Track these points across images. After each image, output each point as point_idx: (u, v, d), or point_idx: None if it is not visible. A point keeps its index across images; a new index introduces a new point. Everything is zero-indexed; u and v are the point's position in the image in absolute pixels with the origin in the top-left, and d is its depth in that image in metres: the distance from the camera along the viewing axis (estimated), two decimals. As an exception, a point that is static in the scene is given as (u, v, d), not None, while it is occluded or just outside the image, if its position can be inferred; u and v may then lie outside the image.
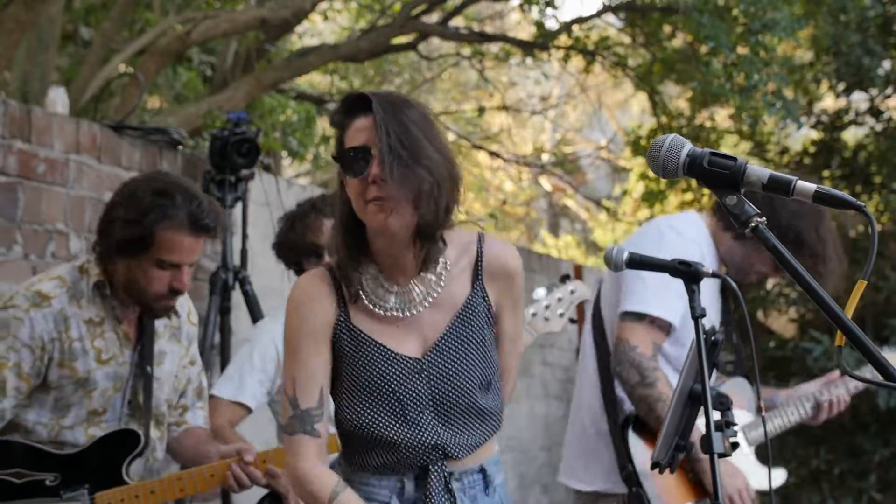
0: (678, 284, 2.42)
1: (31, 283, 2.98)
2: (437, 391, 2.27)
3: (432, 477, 2.27)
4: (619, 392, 3.43)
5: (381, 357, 2.27)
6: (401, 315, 2.29)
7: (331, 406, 2.38)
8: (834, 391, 3.77)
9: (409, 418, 2.26)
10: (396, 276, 2.29)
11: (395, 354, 2.27)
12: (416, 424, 2.26)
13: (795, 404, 3.76)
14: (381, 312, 2.29)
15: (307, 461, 2.28)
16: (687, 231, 3.47)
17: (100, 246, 2.98)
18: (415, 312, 2.29)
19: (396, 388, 2.26)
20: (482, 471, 2.35)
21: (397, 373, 2.26)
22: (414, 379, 2.27)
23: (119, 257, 2.94)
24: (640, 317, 3.31)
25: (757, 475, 3.46)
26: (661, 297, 3.28)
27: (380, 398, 2.26)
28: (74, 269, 3.02)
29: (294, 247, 3.72)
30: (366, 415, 2.27)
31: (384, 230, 2.21)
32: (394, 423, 2.26)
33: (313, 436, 2.28)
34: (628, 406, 3.41)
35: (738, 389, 3.62)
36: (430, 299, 2.29)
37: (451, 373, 2.28)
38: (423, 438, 2.26)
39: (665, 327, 3.33)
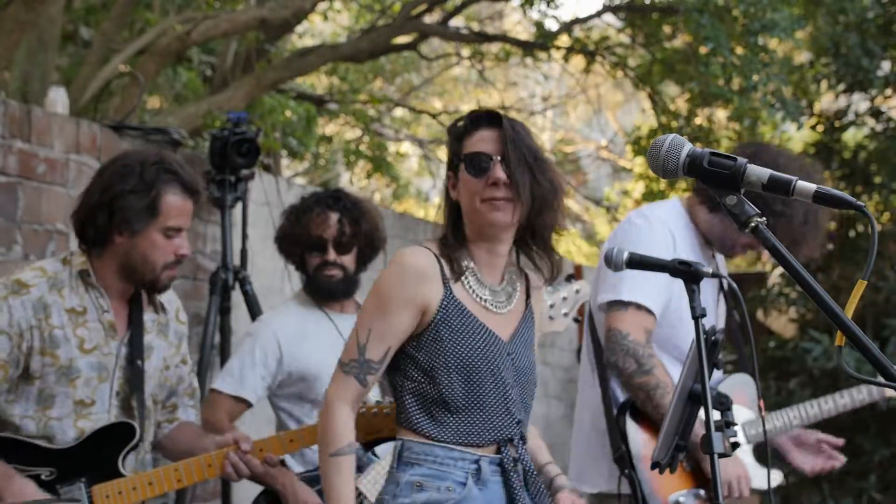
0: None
1: (12, 273, 2.99)
2: (518, 375, 2.59)
3: (523, 453, 2.58)
4: (613, 385, 3.42)
5: (485, 335, 2.55)
6: (492, 308, 2.60)
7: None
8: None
9: (505, 393, 2.55)
10: (489, 275, 2.62)
11: (494, 335, 2.57)
12: (509, 399, 2.56)
13: (798, 409, 3.73)
14: (478, 300, 2.58)
15: (344, 401, 2.55)
16: (654, 213, 3.44)
17: (94, 229, 2.96)
18: (502, 311, 2.61)
19: (498, 365, 2.55)
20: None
21: (496, 352, 2.56)
22: (506, 360, 2.57)
23: (122, 234, 2.94)
24: (623, 304, 3.30)
25: (754, 474, 3.45)
26: (638, 283, 3.26)
27: (484, 371, 2.53)
28: (56, 260, 3.02)
29: (298, 240, 3.72)
30: (470, 383, 2.52)
31: (493, 223, 2.53)
32: (493, 393, 2.53)
33: (362, 384, 2.55)
34: (620, 396, 3.40)
35: (741, 386, 3.59)
36: (513, 304, 2.64)
37: (525, 362, 2.62)
38: (513, 412, 2.56)
39: (650, 312, 3.31)
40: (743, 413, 3.55)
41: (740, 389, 3.56)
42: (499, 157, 2.52)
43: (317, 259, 3.67)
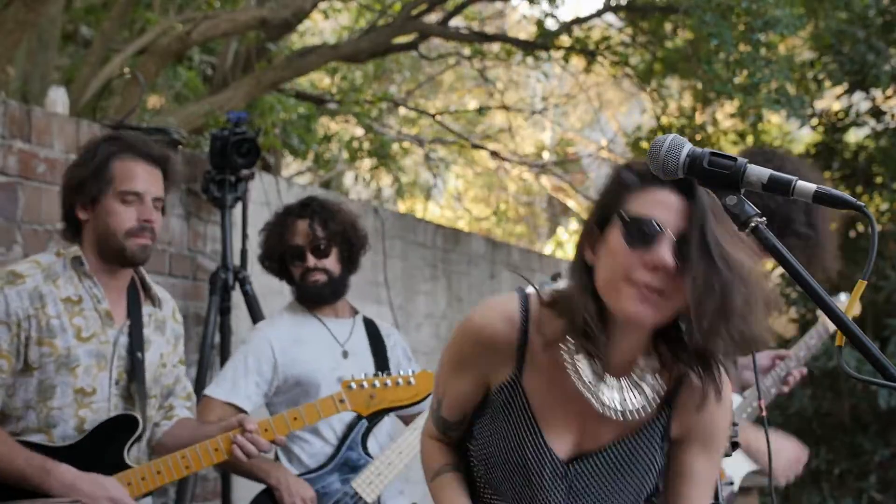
0: None
1: (7, 266, 3.03)
2: (574, 501, 2.05)
3: None
4: None
5: (530, 439, 2.03)
6: (587, 405, 1.99)
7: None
8: (789, 365, 3.75)
9: None
10: (611, 361, 1.99)
11: (544, 446, 2.03)
12: None
13: (771, 376, 3.72)
14: (576, 388, 1.98)
15: (429, 435, 2.21)
16: None
17: (66, 207, 3.02)
18: (606, 412, 1.99)
19: (534, 480, 2.03)
20: None
21: (539, 465, 2.03)
22: (554, 481, 2.03)
23: (84, 209, 3.00)
24: None
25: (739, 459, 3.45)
26: None
27: (514, 476, 2.04)
28: (50, 253, 3.06)
29: (277, 254, 3.77)
30: (497, 480, 2.08)
31: (632, 319, 1.91)
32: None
33: (442, 432, 2.17)
34: None
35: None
36: (629, 415, 2.00)
37: (596, 493, 2.04)
38: None
39: None
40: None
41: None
42: (673, 235, 1.87)
43: (299, 268, 3.73)
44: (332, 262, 3.72)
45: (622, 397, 1.99)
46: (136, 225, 2.98)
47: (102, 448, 2.94)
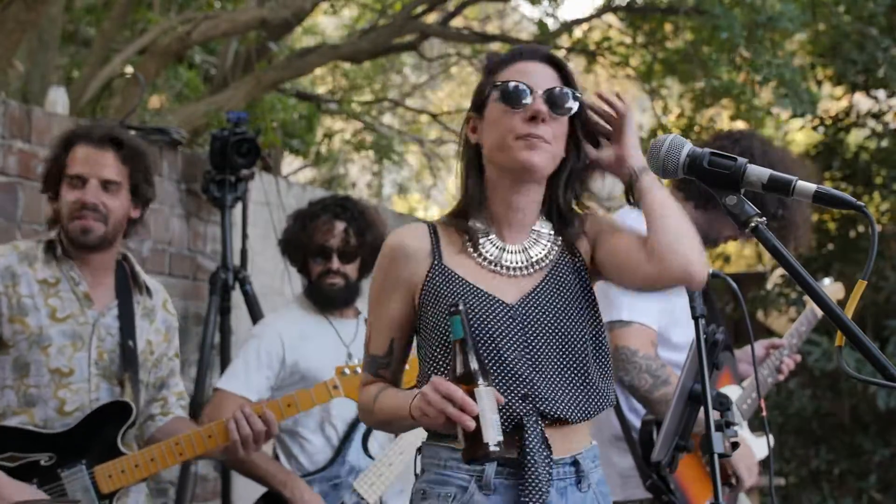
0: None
1: None
2: (532, 340, 2.16)
3: (528, 430, 2.10)
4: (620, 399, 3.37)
5: (474, 297, 2.17)
6: (504, 272, 2.22)
7: None
8: (782, 353, 3.73)
9: (505, 363, 2.13)
10: (511, 232, 2.26)
11: (489, 296, 2.18)
12: (511, 372, 2.13)
13: (767, 365, 3.70)
14: (487, 265, 2.23)
15: (362, 386, 2.31)
16: (637, 224, 3.39)
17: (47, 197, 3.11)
18: (521, 273, 2.23)
19: (492, 330, 2.14)
20: (575, 463, 2.19)
21: (492, 315, 2.15)
22: (508, 323, 2.16)
23: (52, 198, 3.05)
24: (626, 322, 3.27)
25: (752, 444, 3.43)
26: (635, 301, 3.23)
27: (475, 339, 2.11)
28: (32, 240, 3.09)
29: (302, 246, 3.72)
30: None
31: (526, 167, 2.18)
32: (489, 366, 2.12)
33: (378, 378, 2.28)
34: (625, 409, 3.36)
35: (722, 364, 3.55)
36: (538, 264, 2.24)
37: (546, 321, 2.18)
38: (516, 387, 2.12)
39: (651, 328, 3.29)
40: (731, 390, 3.52)
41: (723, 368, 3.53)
42: (540, 92, 2.19)
43: (320, 266, 3.68)
44: (353, 269, 3.69)
45: (526, 256, 2.24)
46: (78, 206, 2.99)
47: (95, 435, 2.94)
